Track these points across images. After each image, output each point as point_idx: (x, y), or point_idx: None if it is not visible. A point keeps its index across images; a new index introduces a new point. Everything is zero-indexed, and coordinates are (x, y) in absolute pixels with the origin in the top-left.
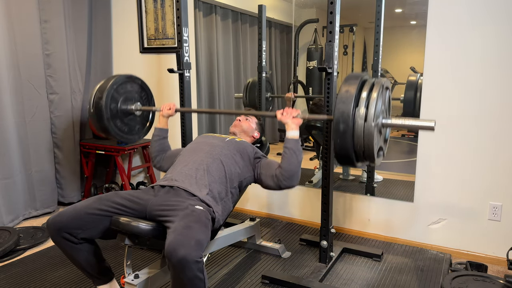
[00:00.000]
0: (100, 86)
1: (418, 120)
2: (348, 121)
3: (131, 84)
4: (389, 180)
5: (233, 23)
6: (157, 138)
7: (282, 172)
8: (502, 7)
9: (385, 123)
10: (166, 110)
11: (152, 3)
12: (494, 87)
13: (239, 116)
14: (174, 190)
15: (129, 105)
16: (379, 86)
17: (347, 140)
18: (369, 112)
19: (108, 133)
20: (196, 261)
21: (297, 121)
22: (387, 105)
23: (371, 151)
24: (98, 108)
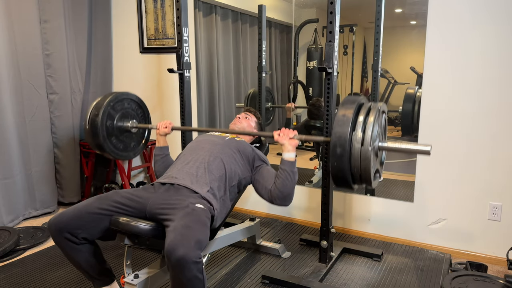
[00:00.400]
0: (97, 103)
1: (415, 144)
2: (345, 145)
3: (128, 102)
4: (389, 180)
5: (233, 23)
6: (159, 157)
7: (277, 192)
8: (502, 7)
9: (382, 146)
10: (163, 128)
11: (152, 3)
12: (494, 87)
13: (239, 114)
14: (175, 188)
15: (125, 122)
16: (376, 111)
17: (344, 164)
18: (365, 136)
19: (103, 151)
20: (195, 262)
21: (294, 143)
22: (383, 128)
23: (367, 174)
24: (94, 125)
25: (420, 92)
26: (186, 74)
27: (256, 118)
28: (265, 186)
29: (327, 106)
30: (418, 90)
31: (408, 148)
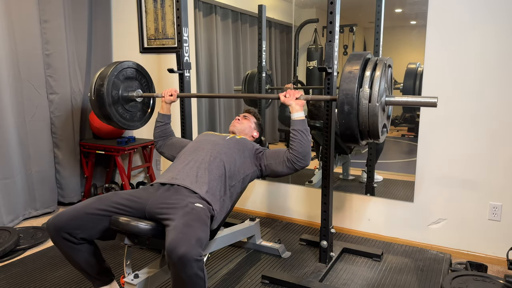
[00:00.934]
0: (101, 73)
1: (421, 97)
2: (353, 102)
3: (132, 71)
4: (389, 180)
5: (233, 23)
6: (159, 124)
7: (295, 155)
8: (502, 6)
9: (388, 101)
10: (168, 96)
11: (152, 3)
12: (494, 87)
13: (238, 116)
14: (174, 188)
15: (130, 91)
16: (382, 65)
17: (352, 121)
18: (373, 92)
19: (110, 120)
20: (196, 259)
21: (300, 103)
22: (390, 82)
23: (375, 130)
24: (99, 95)
25: (421, 67)
26: (186, 74)
27: (255, 118)
28: (279, 161)
29: (327, 106)
30: (420, 66)
31: (415, 100)
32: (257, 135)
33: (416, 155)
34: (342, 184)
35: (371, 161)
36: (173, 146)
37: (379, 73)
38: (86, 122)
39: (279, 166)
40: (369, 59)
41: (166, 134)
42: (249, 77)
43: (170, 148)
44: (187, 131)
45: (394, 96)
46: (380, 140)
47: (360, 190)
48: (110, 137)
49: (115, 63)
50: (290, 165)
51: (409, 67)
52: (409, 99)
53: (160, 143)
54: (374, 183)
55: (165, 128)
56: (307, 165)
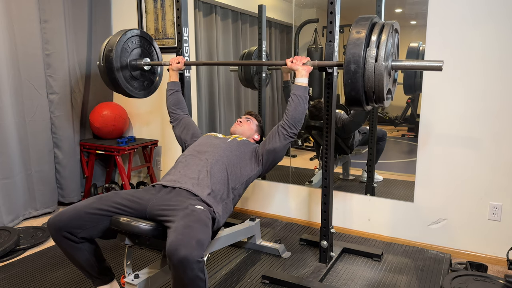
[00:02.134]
0: (110, 41)
1: (426, 61)
2: (359, 61)
3: (140, 39)
4: (389, 180)
5: (233, 23)
6: (171, 92)
7: (287, 120)
8: (502, 6)
9: (395, 65)
10: (175, 63)
11: (152, 3)
12: (494, 87)
13: (240, 118)
14: (176, 191)
15: (138, 60)
16: (389, 28)
17: (358, 81)
18: (379, 53)
19: (118, 86)
20: (197, 261)
21: (307, 68)
22: (396, 48)
23: (381, 92)
24: (108, 60)
25: (423, 46)
26: (186, 74)
27: (257, 121)
28: (273, 136)
29: (327, 106)
30: (421, 45)
31: (420, 64)
32: (258, 138)
33: (416, 155)
34: (342, 184)
35: (371, 161)
36: (186, 128)
37: (386, 36)
38: (86, 122)
39: (273, 140)
40: (376, 22)
41: (178, 103)
42: (245, 56)
43: (183, 129)
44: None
45: (400, 60)
46: (385, 105)
47: (360, 190)
48: (110, 137)
49: (123, 31)
50: (281, 135)
51: (411, 45)
52: (415, 63)
53: (174, 116)
54: (374, 183)
55: (177, 96)
56: (297, 132)
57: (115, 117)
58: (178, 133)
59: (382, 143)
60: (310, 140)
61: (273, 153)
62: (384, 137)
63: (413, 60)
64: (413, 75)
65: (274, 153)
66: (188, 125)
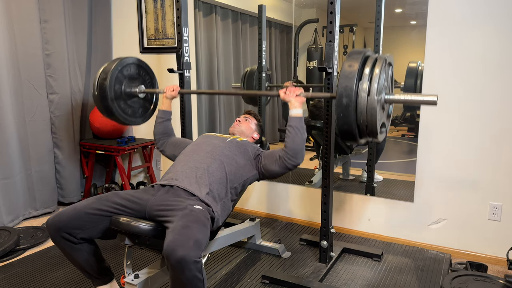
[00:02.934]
0: (105, 68)
1: (421, 95)
2: (351, 95)
3: (135, 67)
4: (389, 180)
5: (233, 23)
6: (160, 120)
7: (287, 152)
8: (502, 6)
9: (388, 99)
10: (170, 92)
11: (152, 3)
12: (495, 87)
13: (238, 117)
14: (174, 190)
15: (133, 87)
16: (382, 62)
17: (350, 114)
18: (372, 86)
19: (112, 114)
20: (195, 261)
21: (300, 99)
22: (390, 81)
23: (374, 126)
24: (102, 89)
25: (422, 66)
26: (186, 74)
27: (256, 120)
28: (272, 160)
29: (327, 106)
30: (420, 64)
31: (415, 99)
32: (258, 137)
33: (416, 155)
34: (342, 184)
35: (371, 161)
36: (175, 145)
37: (379, 70)
38: (86, 122)
39: (273, 165)
40: (369, 56)
41: (167, 131)
42: (248, 74)
43: (172, 148)
44: (187, 131)
45: (394, 94)
46: (379, 139)
47: (360, 190)
48: (110, 137)
49: (119, 59)
50: (281, 163)
51: (410, 65)
52: (409, 97)
53: (161, 141)
54: (374, 183)
55: (166, 125)
56: (298, 163)
57: None
58: (170, 152)
59: (382, 143)
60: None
61: (268, 172)
62: None
63: (407, 94)
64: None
65: (269, 173)
66: (177, 142)
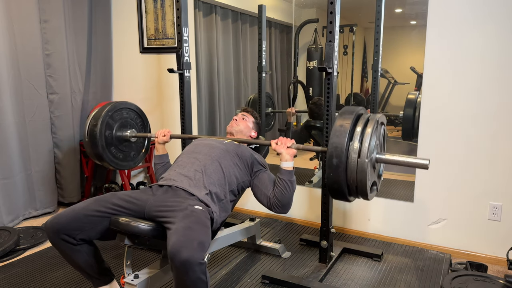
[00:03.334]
0: (95, 114)
1: (413, 157)
2: (342, 156)
3: (127, 111)
4: (389, 180)
5: (233, 23)
6: (159, 165)
7: (275, 200)
8: (502, 6)
9: (379, 158)
10: (161, 136)
11: (152, 3)
12: (494, 87)
13: (236, 116)
14: (173, 190)
15: (124, 131)
16: (374, 122)
17: (340, 175)
18: (363, 147)
19: (103, 161)
20: (199, 263)
21: (291, 152)
22: (382, 140)
23: (364, 186)
24: (92, 135)
25: (420, 98)
26: (186, 74)
27: (253, 118)
28: (264, 192)
29: (327, 106)
30: (419, 96)
31: (406, 161)
32: (255, 135)
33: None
34: None
35: None
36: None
37: (370, 130)
38: None
39: (262, 196)
40: (361, 115)
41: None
42: (251, 101)
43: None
44: (187, 131)
45: (385, 153)
46: (369, 198)
47: None
48: None
49: (110, 103)
50: (269, 204)
51: (409, 97)
52: (401, 158)
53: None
54: None
55: (166, 167)
56: (284, 213)
57: None
58: None
59: None
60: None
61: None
62: None
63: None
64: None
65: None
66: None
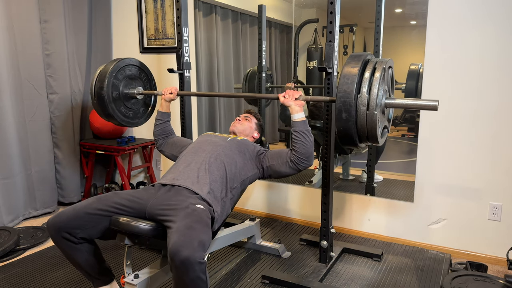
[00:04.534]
0: (100, 73)
1: (421, 100)
2: (351, 110)
3: (130, 68)
4: (389, 180)
5: (233, 23)
6: (159, 122)
7: (298, 156)
8: (502, 7)
9: (388, 103)
10: (168, 94)
11: (152, 3)
12: (494, 87)
13: (239, 116)
14: (175, 189)
15: (131, 89)
16: (381, 67)
17: (351, 128)
18: (371, 99)
19: (114, 120)
20: (199, 262)
21: (299, 103)
22: (390, 84)
23: (374, 134)
24: (100, 98)
25: (423, 68)
26: (186, 74)
27: (256, 119)
28: (282, 162)
29: (327, 106)
30: (421, 67)
31: (415, 103)
32: (258, 136)
33: (416, 155)
34: (342, 184)
35: (371, 161)
36: (174, 145)
37: (378, 76)
38: (86, 122)
39: (283, 167)
40: (368, 61)
41: (166, 132)
42: (250, 75)
43: (171, 147)
44: (187, 131)
45: (394, 98)
46: (380, 143)
47: (360, 190)
48: (110, 137)
49: (114, 61)
50: (293, 166)
51: (411, 68)
52: (409, 101)
53: (160, 141)
54: (374, 183)
55: (164, 126)
56: (310, 165)
57: None
58: (169, 152)
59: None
60: None
61: (277, 173)
62: None
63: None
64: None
65: (277, 174)
66: (176, 142)
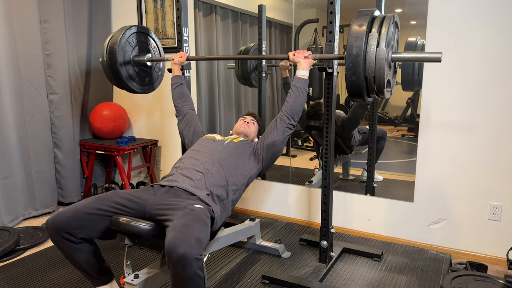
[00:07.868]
0: (114, 36)
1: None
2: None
3: (141, 35)
4: (389, 180)
5: (233, 23)
6: (175, 85)
7: (286, 111)
8: (502, 7)
9: (395, 57)
10: (178, 58)
11: (152, 3)
12: (494, 87)
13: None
14: (174, 190)
15: (141, 56)
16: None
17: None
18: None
19: (120, 80)
20: (196, 259)
21: (308, 61)
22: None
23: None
24: (112, 53)
25: (421, 41)
26: (186, 74)
27: (258, 125)
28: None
29: (327, 106)
30: (419, 40)
31: (419, 56)
32: (257, 140)
33: (416, 155)
34: (342, 184)
35: (371, 161)
36: (187, 123)
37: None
38: (86, 122)
39: (273, 134)
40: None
41: (183, 95)
42: (243, 52)
43: (184, 124)
44: None
45: (399, 52)
46: (385, 94)
47: (360, 190)
48: (110, 137)
49: (127, 26)
50: (280, 126)
51: (409, 40)
52: (414, 54)
53: (179, 108)
54: (374, 183)
55: (181, 89)
56: (295, 124)
57: (115, 117)
58: (181, 129)
59: (382, 142)
60: (310, 140)
61: (273, 146)
62: (384, 136)
63: (413, 52)
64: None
65: (274, 147)
66: (191, 122)
